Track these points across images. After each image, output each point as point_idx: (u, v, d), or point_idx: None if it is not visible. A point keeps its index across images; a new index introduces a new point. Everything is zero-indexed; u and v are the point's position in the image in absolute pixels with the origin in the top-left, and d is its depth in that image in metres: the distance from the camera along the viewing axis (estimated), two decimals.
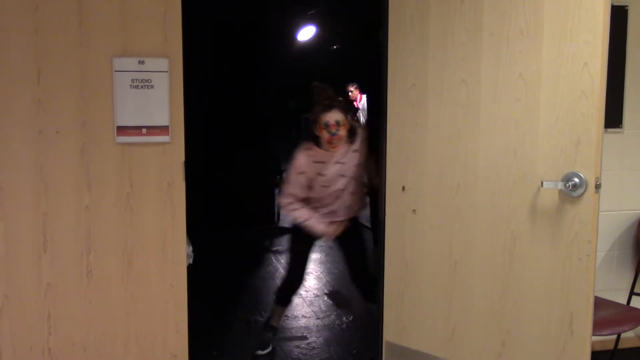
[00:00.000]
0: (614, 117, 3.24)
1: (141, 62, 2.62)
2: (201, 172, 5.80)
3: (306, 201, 3.38)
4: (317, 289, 4.84)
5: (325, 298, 4.63)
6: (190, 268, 2.82)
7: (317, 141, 3.28)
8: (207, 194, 6.06)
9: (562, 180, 2.39)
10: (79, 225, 2.63)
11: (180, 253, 2.76)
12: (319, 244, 4.22)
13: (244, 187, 6.54)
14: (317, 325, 4.05)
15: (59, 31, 2.54)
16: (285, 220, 7.27)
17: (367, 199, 3.48)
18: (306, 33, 8.05)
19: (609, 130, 3.22)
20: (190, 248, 2.82)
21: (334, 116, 3.18)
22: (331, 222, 3.38)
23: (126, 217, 2.67)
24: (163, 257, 2.74)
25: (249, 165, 6.56)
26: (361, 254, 3.59)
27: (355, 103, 7.16)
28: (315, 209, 3.38)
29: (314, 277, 5.11)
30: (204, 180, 5.93)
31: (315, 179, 3.31)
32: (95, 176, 2.63)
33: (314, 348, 3.71)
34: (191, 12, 2.83)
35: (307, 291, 4.74)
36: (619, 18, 3.15)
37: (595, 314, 2.44)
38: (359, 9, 6.02)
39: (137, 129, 2.64)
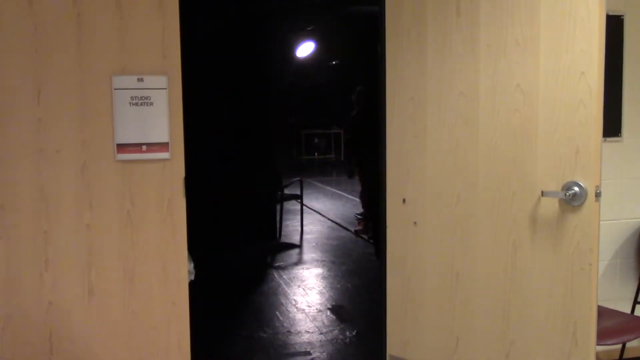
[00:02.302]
0: (612, 126, 3.24)
1: (140, 80, 2.63)
2: (202, 189, 5.81)
3: None
4: (320, 304, 4.83)
5: (328, 313, 4.61)
6: (192, 285, 2.81)
7: None
8: (208, 210, 6.06)
9: (562, 190, 2.39)
10: (80, 243, 2.63)
11: (181, 270, 2.75)
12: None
13: (245, 203, 6.54)
14: (320, 341, 4.03)
15: (58, 50, 2.56)
16: (287, 236, 7.27)
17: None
18: (305, 49, 8.10)
19: (608, 139, 3.22)
20: (192, 264, 2.82)
21: None
22: None
23: (127, 235, 2.67)
24: (164, 274, 2.73)
25: (250, 181, 6.56)
26: None
27: None
28: None
29: (317, 292, 5.10)
30: (204, 196, 5.93)
31: None
32: (95, 194, 2.63)
33: None
34: (190, 29, 2.86)
35: (310, 306, 4.73)
36: (614, 27, 3.17)
37: (599, 323, 2.43)
38: (357, 24, 6.06)
39: (137, 146, 2.65)
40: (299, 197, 7.59)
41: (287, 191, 7.44)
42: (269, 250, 6.67)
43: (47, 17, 2.53)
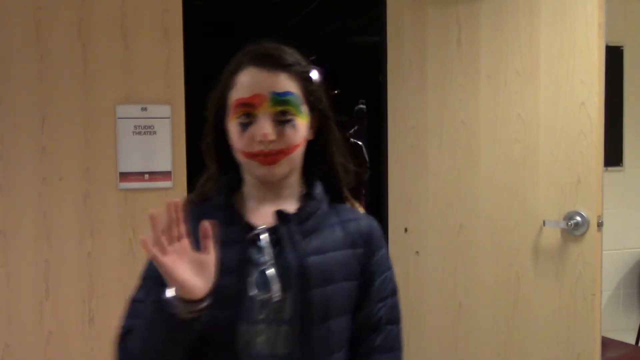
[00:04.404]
0: (614, 155, 3.26)
1: (144, 109, 2.65)
2: None
3: None
4: None
5: None
6: None
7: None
8: None
9: (563, 219, 2.39)
10: (81, 272, 2.63)
11: None
12: None
13: None
14: None
15: (63, 80, 2.58)
16: None
17: None
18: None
19: (610, 168, 3.23)
20: None
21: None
22: None
23: (128, 263, 2.67)
24: None
25: None
26: None
27: None
28: None
29: None
30: None
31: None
32: (98, 222, 2.63)
33: None
34: (193, 59, 2.88)
35: None
36: (614, 58, 3.20)
37: (603, 354, 2.41)
38: (359, 54, 6.12)
39: (139, 175, 2.66)
40: None
41: None
42: None
43: (53, 47, 2.56)
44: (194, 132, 2.87)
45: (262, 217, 1.23)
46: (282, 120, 1.19)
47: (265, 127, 1.17)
